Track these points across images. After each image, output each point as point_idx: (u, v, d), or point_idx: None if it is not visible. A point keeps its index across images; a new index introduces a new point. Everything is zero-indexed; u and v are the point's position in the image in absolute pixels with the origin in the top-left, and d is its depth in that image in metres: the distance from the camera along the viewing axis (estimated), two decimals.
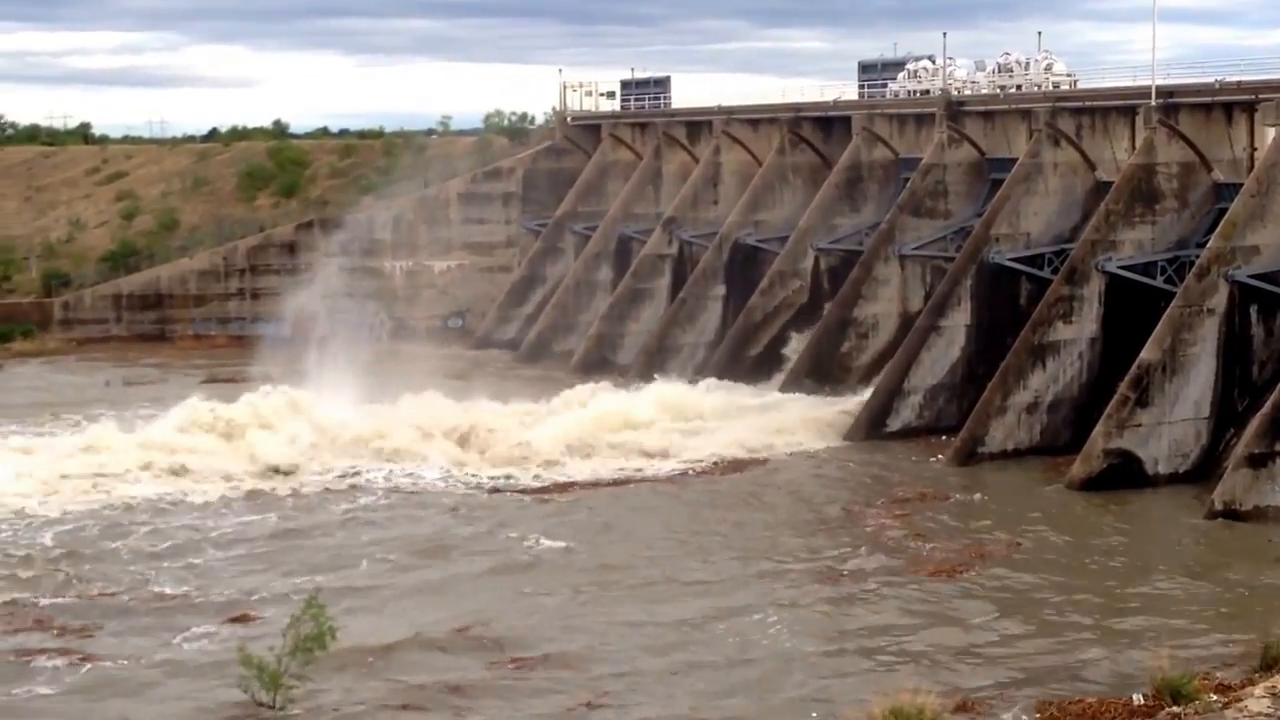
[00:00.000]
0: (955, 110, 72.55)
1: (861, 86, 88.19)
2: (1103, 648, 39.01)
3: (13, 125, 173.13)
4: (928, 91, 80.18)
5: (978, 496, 55.91)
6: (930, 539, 49.74)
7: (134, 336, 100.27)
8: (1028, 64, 75.41)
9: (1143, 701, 33.38)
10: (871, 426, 66.38)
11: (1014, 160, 68.14)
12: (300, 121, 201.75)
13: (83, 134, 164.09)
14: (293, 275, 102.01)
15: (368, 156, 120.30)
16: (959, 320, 66.66)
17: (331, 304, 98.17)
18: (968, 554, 47.86)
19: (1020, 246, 66.55)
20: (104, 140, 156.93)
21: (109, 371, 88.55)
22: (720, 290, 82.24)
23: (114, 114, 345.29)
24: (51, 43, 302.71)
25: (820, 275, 77.16)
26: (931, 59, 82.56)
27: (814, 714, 34.65)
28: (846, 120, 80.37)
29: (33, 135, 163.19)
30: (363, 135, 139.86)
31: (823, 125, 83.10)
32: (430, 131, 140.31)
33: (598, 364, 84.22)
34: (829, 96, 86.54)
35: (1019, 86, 74.81)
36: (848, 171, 77.77)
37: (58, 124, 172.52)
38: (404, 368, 72.32)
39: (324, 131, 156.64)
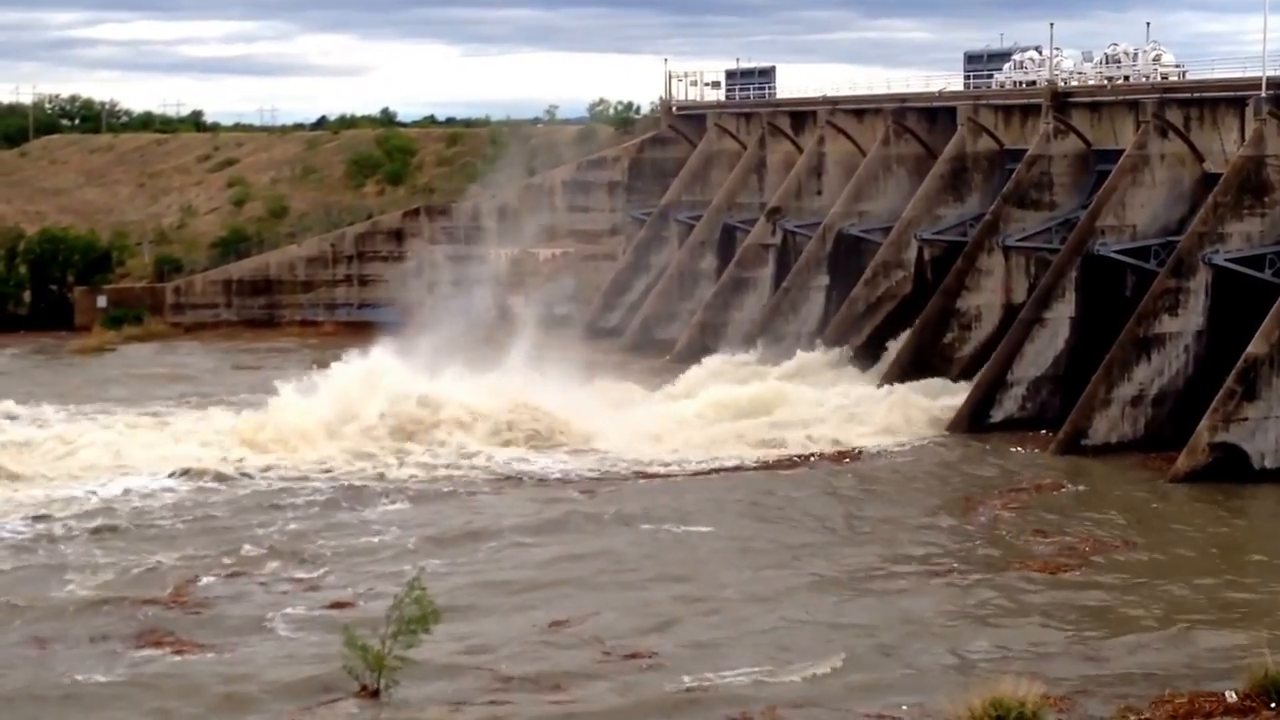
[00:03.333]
0: (1061, 101, 72.15)
1: (967, 77, 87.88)
2: (1206, 644, 38.72)
3: (127, 113, 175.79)
4: (1034, 82, 79.76)
5: (1082, 489, 55.68)
6: (1036, 532, 49.59)
7: (243, 322, 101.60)
8: (1135, 55, 74.86)
9: (1235, 699, 33.17)
10: (974, 418, 66.26)
11: (1120, 152, 67.72)
12: (408, 110, 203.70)
13: (195, 122, 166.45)
14: (399, 262, 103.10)
15: (474, 145, 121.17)
16: (1063, 312, 66.39)
17: (437, 291, 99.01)
18: (1074, 548, 47.65)
19: (1126, 239, 66.19)
20: (215, 128, 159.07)
21: (219, 355, 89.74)
22: (823, 280, 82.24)
23: (225, 102, 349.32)
24: (166, 32, 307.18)
25: (924, 266, 76.93)
26: (1038, 49, 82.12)
27: (915, 705, 34.64)
28: (951, 111, 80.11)
29: (146, 123, 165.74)
30: (469, 124, 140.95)
31: (928, 116, 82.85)
32: (536, 120, 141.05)
33: (700, 352, 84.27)
34: (934, 87, 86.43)
35: (1126, 78, 74.30)
36: (952, 162, 77.53)
37: (171, 112, 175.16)
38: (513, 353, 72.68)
39: (431, 120, 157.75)
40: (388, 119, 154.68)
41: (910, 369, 71.17)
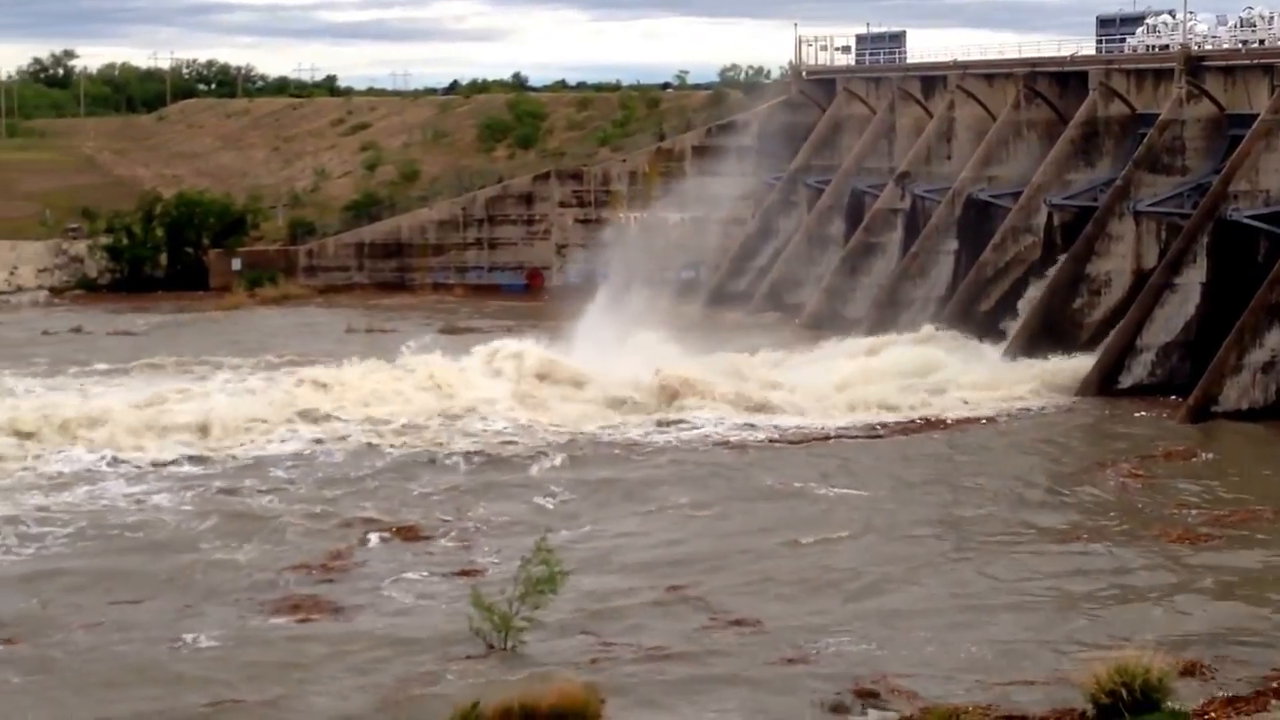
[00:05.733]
0: (1195, 65, 71.36)
1: (1099, 41, 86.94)
2: None
3: (263, 78, 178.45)
4: (1167, 46, 78.88)
5: (1213, 456, 55.16)
6: (1168, 500, 49.23)
7: (374, 285, 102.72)
8: (1271, 18, 73.80)
9: None
10: (1103, 383, 65.95)
11: (1254, 116, 66.94)
12: (539, 75, 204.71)
13: (329, 86, 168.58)
14: (529, 226, 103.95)
15: (604, 109, 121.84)
16: (1194, 278, 65.82)
17: (566, 255, 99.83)
18: (1208, 516, 47.28)
19: (1259, 204, 65.46)
20: (349, 93, 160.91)
21: (351, 318, 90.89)
22: (952, 245, 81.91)
23: (359, 67, 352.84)
24: None
25: (1053, 231, 76.41)
26: (1171, 13, 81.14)
27: (1041, 672, 34.54)
28: (1083, 75, 79.38)
29: (281, 88, 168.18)
30: (599, 88, 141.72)
31: (1059, 80, 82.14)
32: (666, 85, 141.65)
33: (828, 317, 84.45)
34: (1066, 51, 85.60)
35: (1261, 41, 73.32)
36: (1083, 127, 76.89)
37: (305, 77, 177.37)
38: (637, 320, 73.03)
39: (562, 84, 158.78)
40: (519, 83, 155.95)
41: (1039, 334, 70.79)
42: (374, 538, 46.08)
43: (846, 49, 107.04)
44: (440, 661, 35.49)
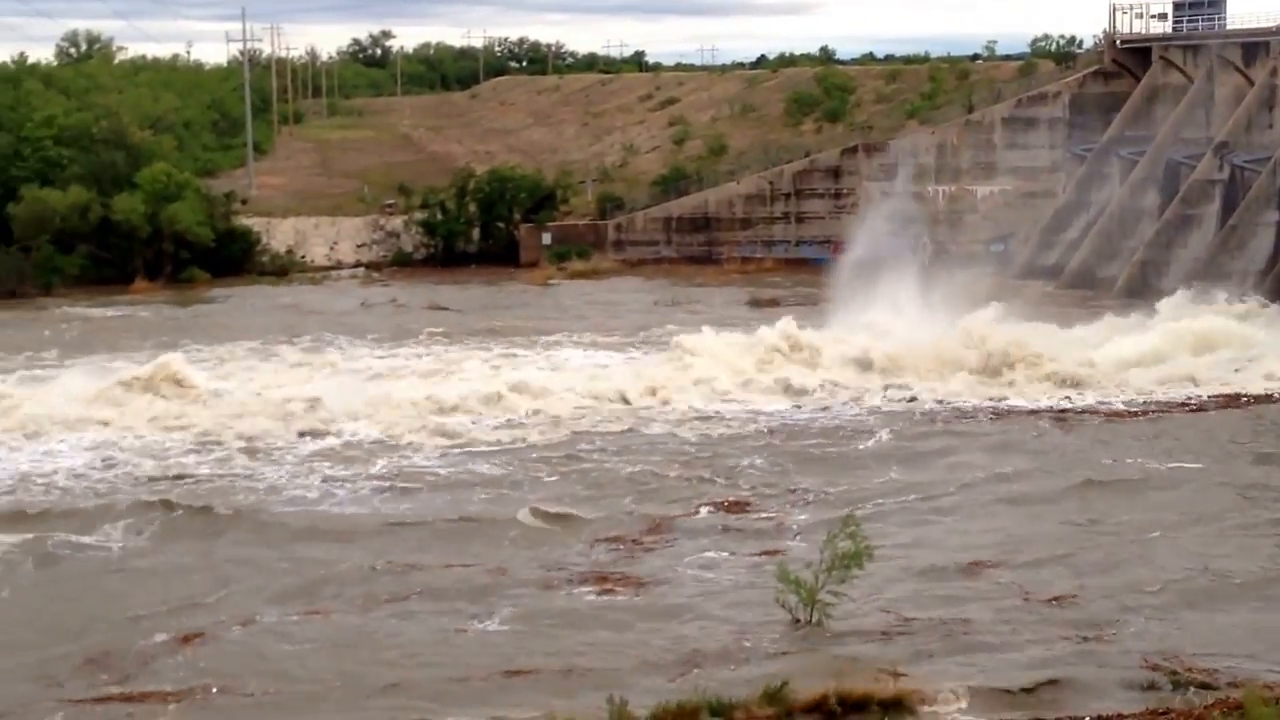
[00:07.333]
0: None
1: None
2: None
3: (573, 55, 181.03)
4: None
5: None
6: None
7: (682, 258, 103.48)
8: None
9: None
10: None
11: None
12: (846, 48, 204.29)
13: (637, 62, 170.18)
14: (836, 200, 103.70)
15: (912, 82, 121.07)
16: None
17: (874, 228, 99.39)
18: None
19: None
20: (657, 68, 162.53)
21: (659, 291, 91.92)
22: (1273, 217, 79.55)
23: (666, 42, 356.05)
24: None
25: None
26: None
27: None
28: None
29: (590, 64, 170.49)
30: (908, 61, 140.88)
31: None
32: (975, 56, 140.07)
33: (1141, 291, 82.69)
34: None
35: None
36: None
37: (614, 53, 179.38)
38: (935, 291, 72.54)
39: (870, 57, 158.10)
40: (826, 57, 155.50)
41: None
42: (698, 510, 46.44)
43: (1163, 16, 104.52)
44: (746, 635, 35.69)
